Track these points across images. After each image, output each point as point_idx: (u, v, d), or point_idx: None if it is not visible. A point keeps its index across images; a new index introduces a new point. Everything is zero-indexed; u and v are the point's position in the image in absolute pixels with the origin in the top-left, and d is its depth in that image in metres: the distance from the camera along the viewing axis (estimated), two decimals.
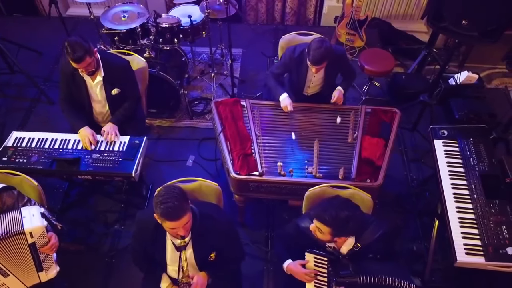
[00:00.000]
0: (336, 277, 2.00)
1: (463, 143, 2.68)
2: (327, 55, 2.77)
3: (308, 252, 2.15)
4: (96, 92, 2.90)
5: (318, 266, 2.14)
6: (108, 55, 2.98)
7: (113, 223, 3.26)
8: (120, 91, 2.92)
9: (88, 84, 2.86)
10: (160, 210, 1.91)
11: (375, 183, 2.61)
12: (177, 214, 1.91)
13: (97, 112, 3.02)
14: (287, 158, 2.76)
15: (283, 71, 3.15)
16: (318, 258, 2.13)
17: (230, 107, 3.04)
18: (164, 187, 1.97)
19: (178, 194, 1.94)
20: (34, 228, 2.11)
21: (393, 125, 2.93)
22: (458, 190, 2.50)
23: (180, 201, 1.93)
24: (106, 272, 3.02)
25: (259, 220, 3.31)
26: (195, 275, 2.16)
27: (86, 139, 2.78)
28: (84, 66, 2.66)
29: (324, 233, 2.02)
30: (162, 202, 1.90)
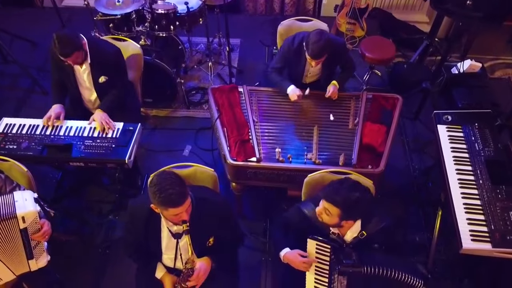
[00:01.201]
0: (339, 266, 1.92)
1: (468, 128, 2.60)
2: (327, 48, 2.67)
3: (310, 239, 2.03)
4: (84, 78, 2.81)
5: (320, 254, 2.03)
6: (98, 41, 2.89)
7: (107, 213, 3.17)
8: (107, 79, 2.83)
9: (76, 70, 2.78)
10: (160, 199, 1.82)
11: (376, 170, 2.53)
12: (181, 199, 1.84)
13: (86, 99, 2.94)
14: (286, 144, 2.67)
15: (284, 64, 3.00)
16: (320, 245, 2.02)
17: (227, 93, 2.95)
18: (158, 175, 1.88)
19: (176, 180, 1.87)
20: (27, 212, 2.04)
21: (394, 112, 2.85)
22: (463, 176, 2.41)
23: (180, 186, 1.85)
24: (100, 263, 2.93)
25: (257, 210, 3.22)
26: (198, 261, 2.07)
27: (48, 115, 2.73)
28: (71, 60, 2.59)
29: (332, 215, 1.94)
30: (162, 191, 1.81)
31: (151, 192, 1.85)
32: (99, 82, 2.82)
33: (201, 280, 2.08)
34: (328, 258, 1.99)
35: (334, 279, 1.96)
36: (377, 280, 1.89)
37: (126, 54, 3.02)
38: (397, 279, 1.86)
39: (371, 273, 1.87)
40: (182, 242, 2.11)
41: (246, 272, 2.82)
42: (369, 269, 1.87)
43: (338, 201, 1.90)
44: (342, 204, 1.89)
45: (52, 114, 2.74)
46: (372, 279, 1.90)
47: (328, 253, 1.99)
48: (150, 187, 1.85)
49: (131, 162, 2.62)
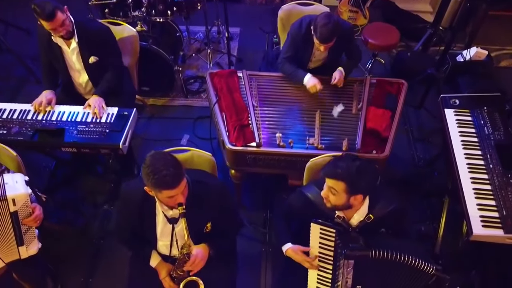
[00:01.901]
0: (346, 249, 1.80)
1: (476, 112, 2.50)
2: (336, 31, 2.52)
3: (314, 223, 1.90)
4: (73, 59, 2.70)
5: (324, 239, 1.91)
6: (84, 20, 2.78)
7: (102, 203, 3.07)
8: (98, 60, 2.72)
9: (64, 51, 2.67)
10: (155, 181, 1.71)
11: (381, 155, 2.43)
12: (176, 180, 1.73)
13: (77, 82, 2.84)
14: (287, 129, 2.57)
15: (294, 52, 2.82)
16: (324, 230, 1.89)
17: (226, 78, 2.85)
18: (152, 156, 1.77)
19: (170, 160, 1.76)
20: (18, 195, 1.95)
21: (399, 97, 2.75)
22: (472, 161, 2.31)
23: (175, 167, 1.75)
24: (94, 254, 2.83)
25: (257, 200, 3.12)
26: (194, 247, 1.96)
27: (38, 101, 2.64)
28: (59, 24, 2.45)
29: (338, 192, 1.81)
30: (156, 172, 1.71)
31: (144, 173, 1.75)
32: (89, 63, 2.71)
33: (198, 267, 1.97)
34: (333, 243, 1.87)
35: (339, 265, 1.85)
36: (385, 267, 1.78)
37: (121, 38, 2.92)
38: (408, 264, 1.75)
39: (379, 257, 1.75)
40: (178, 228, 2.00)
41: (246, 263, 2.73)
42: (377, 252, 1.75)
43: (340, 173, 1.77)
44: (345, 175, 1.77)
45: (44, 100, 2.64)
46: (380, 266, 1.78)
47: (333, 238, 1.87)
48: (144, 168, 1.75)
49: (125, 148, 2.52)
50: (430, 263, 1.77)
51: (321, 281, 1.95)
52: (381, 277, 1.82)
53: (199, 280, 2.00)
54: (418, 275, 1.79)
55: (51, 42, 2.63)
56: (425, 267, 1.76)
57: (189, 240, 1.88)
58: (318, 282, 1.97)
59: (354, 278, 1.83)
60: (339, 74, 2.77)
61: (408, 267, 1.76)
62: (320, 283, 1.96)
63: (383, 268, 1.79)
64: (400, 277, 1.81)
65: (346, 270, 1.83)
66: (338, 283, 1.87)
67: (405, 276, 1.80)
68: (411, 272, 1.78)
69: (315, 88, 2.68)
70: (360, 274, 1.83)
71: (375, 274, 1.82)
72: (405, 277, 1.81)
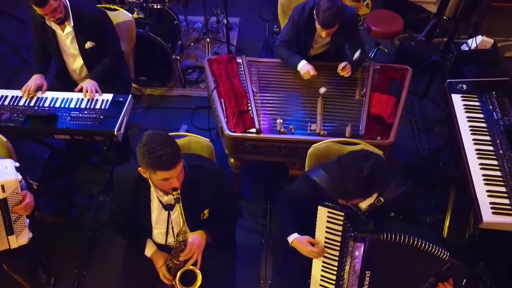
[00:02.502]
0: (355, 232, 1.70)
1: (484, 97, 2.41)
2: (339, 16, 2.42)
3: (321, 206, 1.80)
4: (67, 44, 2.61)
5: (332, 223, 1.81)
6: (80, 4, 2.67)
7: (97, 194, 2.98)
8: (94, 45, 2.63)
9: (58, 35, 2.58)
10: (150, 160, 1.62)
11: (386, 141, 2.34)
12: (172, 161, 1.64)
13: (71, 68, 2.74)
14: (288, 116, 2.48)
15: (293, 36, 2.72)
16: (332, 213, 1.78)
17: (225, 64, 2.76)
18: (149, 135, 1.68)
19: (168, 140, 1.67)
20: (7, 181, 1.86)
21: (404, 83, 2.66)
22: (481, 146, 2.22)
23: (172, 147, 1.66)
24: (89, 246, 2.74)
25: (256, 191, 3.03)
26: (191, 234, 1.87)
27: (27, 84, 2.56)
28: (50, 11, 2.36)
29: None
30: (152, 151, 1.61)
31: (139, 152, 1.65)
32: (85, 48, 2.62)
33: (195, 255, 1.88)
34: (341, 227, 1.77)
35: (347, 250, 1.75)
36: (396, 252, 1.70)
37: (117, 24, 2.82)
38: (421, 249, 1.66)
39: (391, 241, 1.67)
40: (174, 215, 1.91)
41: (246, 255, 2.66)
42: (389, 235, 1.66)
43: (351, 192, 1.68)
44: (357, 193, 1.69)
45: (32, 85, 2.55)
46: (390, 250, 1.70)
47: (341, 222, 1.76)
48: (139, 147, 1.66)
49: (120, 135, 2.43)
50: (443, 248, 1.69)
51: (326, 269, 1.85)
52: (392, 262, 1.73)
53: (196, 269, 1.90)
54: (431, 261, 1.70)
55: (45, 25, 2.54)
56: (438, 252, 1.68)
57: (184, 226, 1.79)
58: (323, 270, 1.87)
59: (364, 263, 1.73)
60: (346, 64, 2.64)
61: (420, 252, 1.67)
62: (325, 271, 1.86)
63: (394, 253, 1.71)
64: (412, 263, 1.72)
65: (354, 254, 1.73)
66: (344, 270, 1.77)
67: (416, 262, 1.71)
68: (423, 258, 1.69)
69: (308, 75, 2.59)
70: (370, 259, 1.73)
71: (385, 259, 1.73)
72: (417, 263, 1.72)
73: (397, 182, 1.84)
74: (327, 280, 1.85)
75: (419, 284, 1.77)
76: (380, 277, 1.75)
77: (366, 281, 1.76)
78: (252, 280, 2.59)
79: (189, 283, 1.90)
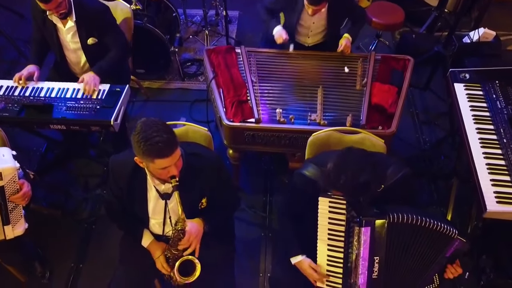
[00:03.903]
0: (360, 217, 1.65)
1: (488, 86, 2.37)
2: None
3: (322, 196, 1.75)
4: (67, 39, 2.56)
5: (334, 213, 1.75)
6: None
7: (94, 187, 2.93)
8: (97, 41, 2.57)
9: (59, 29, 2.53)
10: (146, 148, 1.57)
11: (388, 130, 2.30)
12: (170, 148, 1.59)
13: (72, 62, 2.69)
14: (287, 105, 2.44)
15: (275, 7, 2.74)
16: (334, 202, 1.73)
17: (224, 54, 2.72)
18: (144, 122, 1.62)
19: (163, 126, 1.62)
20: (4, 168, 1.82)
21: (406, 73, 2.61)
22: (484, 135, 2.18)
23: (169, 134, 1.61)
24: (85, 239, 2.71)
25: (256, 183, 2.98)
26: (189, 222, 1.81)
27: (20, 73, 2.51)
28: (55, 6, 2.32)
29: None
30: (147, 138, 1.56)
31: (134, 141, 1.61)
32: (87, 44, 2.56)
33: (194, 244, 1.83)
34: (344, 217, 1.72)
35: (352, 240, 1.69)
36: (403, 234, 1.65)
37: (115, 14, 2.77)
38: (429, 228, 1.61)
39: (398, 222, 1.62)
40: (171, 204, 1.87)
41: (245, 248, 2.63)
42: (395, 217, 1.61)
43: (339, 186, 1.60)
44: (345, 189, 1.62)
45: (24, 72, 2.51)
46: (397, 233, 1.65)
47: (344, 211, 1.71)
48: (134, 136, 1.61)
49: (117, 125, 2.39)
50: (451, 226, 1.64)
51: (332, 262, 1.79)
52: (400, 245, 1.68)
53: (195, 259, 1.86)
54: (439, 239, 1.65)
55: (46, 18, 2.48)
56: (447, 231, 1.62)
57: (183, 214, 1.75)
58: (329, 265, 1.80)
59: (371, 248, 1.67)
60: (346, 41, 2.65)
61: (428, 231, 1.62)
62: (331, 265, 1.80)
63: (401, 235, 1.65)
64: (420, 244, 1.66)
65: (361, 240, 1.67)
66: (351, 260, 1.72)
67: (425, 242, 1.66)
68: (431, 237, 1.64)
69: (281, 39, 2.62)
70: (378, 243, 1.67)
71: (393, 242, 1.68)
72: (426, 244, 1.66)
73: (396, 166, 1.79)
74: (333, 273, 1.80)
75: (429, 266, 1.72)
76: (389, 262, 1.70)
77: (375, 267, 1.70)
78: (251, 273, 2.55)
79: (187, 273, 1.87)
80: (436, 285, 1.78)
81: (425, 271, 1.72)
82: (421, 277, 1.73)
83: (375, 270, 1.69)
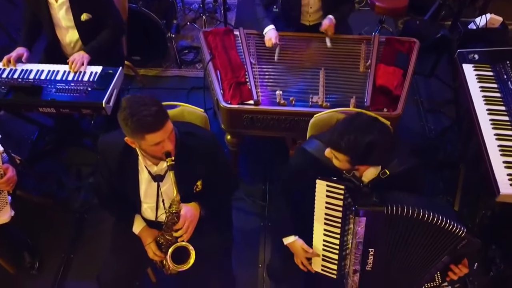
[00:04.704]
0: (356, 206, 1.54)
1: (498, 66, 2.26)
2: None
3: (320, 179, 1.62)
4: (59, 15, 2.44)
5: (331, 198, 1.63)
6: None
7: (87, 176, 2.83)
8: (91, 17, 2.46)
9: (51, 5, 2.41)
10: (135, 124, 1.46)
11: (393, 113, 2.19)
12: (159, 121, 1.49)
13: (64, 41, 2.57)
14: (288, 87, 2.33)
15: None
16: (332, 187, 1.61)
17: (221, 36, 2.61)
18: (128, 99, 1.52)
19: (150, 100, 1.51)
20: None
21: (411, 56, 2.50)
22: (495, 116, 2.08)
23: (157, 106, 1.50)
24: (77, 229, 2.60)
25: (255, 172, 2.88)
26: (183, 206, 1.71)
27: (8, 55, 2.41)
28: None
29: (341, 160, 1.57)
30: (134, 113, 1.46)
31: (121, 119, 1.50)
32: (81, 20, 2.45)
33: (190, 229, 1.72)
34: (341, 202, 1.60)
35: (348, 228, 1.60)
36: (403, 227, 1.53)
37: None
38: (432, 223, 1.48)
39: (396, 215, 1.50)
40: (164, 187, 1.75)
41: (244, 238, 2.51)
42: (394, 208, 1.49)
43: (343, 148, 1.51)
44: (350, 151, 1.51)
45: (13, 54, 2.41)
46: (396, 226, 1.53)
47: (342, 196, 1.60)
48: (120, 113, 1.50)
49: (109, 108, 2.28)
50: (459, 223, 1.50)
51: (328, 248, 1.69)
52: (399, 239, 1.56)
53: (189, 246, 1.75)
54: (445, 237, 1.51)
55: None
56: (453, 228, 1.48)
57: (178, 196, 1.63)
58: (325, 250, 1.71)
59: (366, 240, 1.56)
60: (328, 20, 2.52)
61: (432, 227, 1.49)
62: (327, 250, 1.70)
63: (402, 228, 1.53)
64: (422, 240, 1.54)
65: (356, 230, 1.56)
66: (347, 248, 1.62)
67: (428, 239, 1.53)
68: (436, 234, 1.51)
69: (270, 42, 2.47)
70: (373, 235, 1.56)
71: (392, 236, 1.56)
72: (428, 240, 1.53)
73: (404, 156, 1.68)
74: (329, 259, 1.70)
75: (431, 264, 1.59)
76: (387, 255, 1.59)
77: (369, 259, 1.59)
78: (250, 264, 2.44)
79: (181, 261, 1.75)
80: (438, 283, 1.66)
81: (426, 269, 1.60)
82: (421, 274, 1.62)
83: (369, 263, 1.60)
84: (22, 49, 2.45)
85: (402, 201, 1.53)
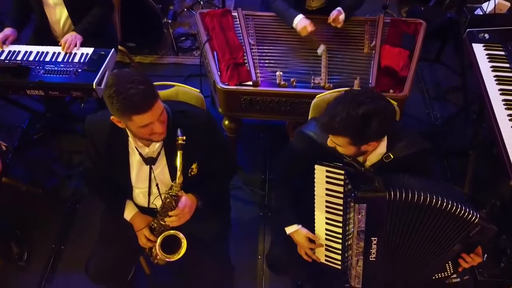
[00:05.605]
0: (356, 192, 1.42)
1: (510, 45, 2.16)
2: None
3: (318, 165, 1.53)
4: None
5: (332, 183, 1.53)
6: None
7: (78, 164, 2.70)
8: None
9: None
10: (121, 104, 1.35)
11: (400, 94, 2.07)
12: (147, 101, 1.37)
13: (53, 20, 2.45)
14: (289, 68, 2.21)
15: None
16: (331, 172, 1.51)
17: (219, 17, 2.48)
18: (115, 75, 1.41)
19: (138, 77, 1.40)
20: None
21: (418, 37, 2.39)
22: (509, 97, 1.97)
23: (145, 84, 1.38)
24: (67, 219, 2.48)
25: (255, 161, 2.77)
26: (183, 195, 1.60)
27: None
28: None
29: (344, 145, 1.45)
30: (121, 92, 1.34)
31: (106, 96, 1.38)
32: None
33: (185, 218, 1.61)
34: (342, 188, 1.49)
35: (349, 216, 1.49)
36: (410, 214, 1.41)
37: None
38: (441, 209, 1.36)
39: (400, 200, 1.38)
40: (157, 170, 1.64)
41: (242, 228, 2.41)
42: (397, 194, 1.37)
43: (337, 129, 1.39)
44: (346, 129, 1.38)
45: (0, 36, 2.31)
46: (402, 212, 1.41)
47: (342, 182, 1.49)
48: (105, 91, 1.38)
49: (100, 90, 2.16)
50: (472, 209, 1.38)
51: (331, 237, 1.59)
52: (405, 227, 1.45)
53: (179, 234, 1.64)
54: (456, 224, 1.40)
55: None
56: (464, 214, 1.37)
57: (181, 178, 1.53)
58: (327, 239, 1.60)
59: (368, 228, 1.44)
60: (336, 12, 2.35)
61: (441, 213, 1.38)
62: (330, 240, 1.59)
63: (408, 215, 1.42)
64: (431, 227, 1.42)
65: (357, 218, 1.45)
66: (349, 238, 1.51)
67: (437, 225, 1.41)
68: (445, 221, 1.39)
69: (305, 31, 2.28)
70: (375, 223, 1.44)
71: (397, 223, 1.44)
72: (437, 227, 1.42)
73: (412, 140, 1.56)
74: (332, 249, 1.60)
75: (441, 253, 1.48)
76: (391, 245, 1.48)
77: (373, 249, 1.48)
78: (249, 255, 2.33)
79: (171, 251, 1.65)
80: (449, 273, 1.54)
81: (435, 259, 1.49)
82: (430, 264, 1.50)
83: (373, 252, 1.48)
84: (9, 30, 2.35)
85: (407, 185, 1.41)
